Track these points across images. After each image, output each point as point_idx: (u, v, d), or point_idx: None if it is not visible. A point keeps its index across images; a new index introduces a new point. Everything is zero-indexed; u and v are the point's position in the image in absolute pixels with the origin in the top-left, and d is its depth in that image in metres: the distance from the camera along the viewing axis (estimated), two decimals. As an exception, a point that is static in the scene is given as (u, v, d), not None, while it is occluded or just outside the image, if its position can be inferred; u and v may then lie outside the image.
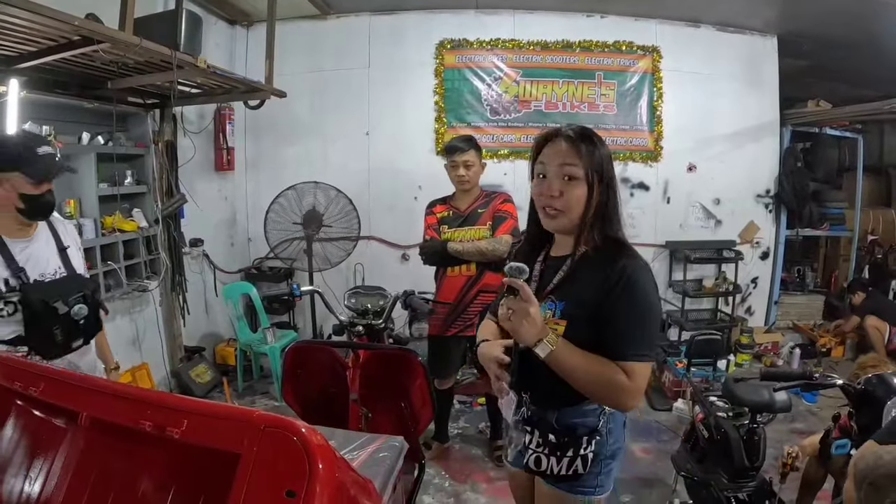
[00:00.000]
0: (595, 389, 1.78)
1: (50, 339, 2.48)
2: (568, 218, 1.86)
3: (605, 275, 1.77)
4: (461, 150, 3.99)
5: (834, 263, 8.42)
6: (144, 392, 1.98)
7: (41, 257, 2.56)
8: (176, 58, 3.70)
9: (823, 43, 6.63)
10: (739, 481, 3.01)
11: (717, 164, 6.58)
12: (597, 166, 1.85)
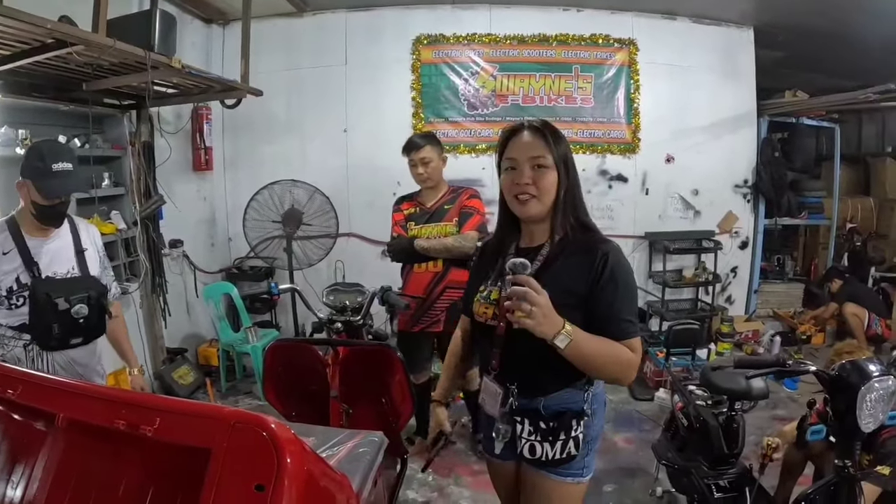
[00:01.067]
0: (610, 369, 1.85)
1: (48, 332, 2.60)
2: (541, 203, 1.94)
3: (588, 263, 1.88)
4: (417, 147, 4.01)
5: (813, 252, 8.54)
6: (118, 392, 1.98)
7: (57, 256, 2.68)
8: (150, 58, 3.68)
9: (799, 33, 6.69)
10: (720, 468, 3.06)
11: (694, 155, 6.62)
12: (562, 155, 1.96)
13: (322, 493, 1.38)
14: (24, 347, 2.64)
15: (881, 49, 6.58)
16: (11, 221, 2.65)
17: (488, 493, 3.85)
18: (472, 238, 3.93)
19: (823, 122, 7.59)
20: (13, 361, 2.60)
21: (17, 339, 2.63)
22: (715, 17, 6.64)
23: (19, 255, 2.58)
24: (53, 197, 2.57)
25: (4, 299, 2.57)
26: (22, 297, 2.58)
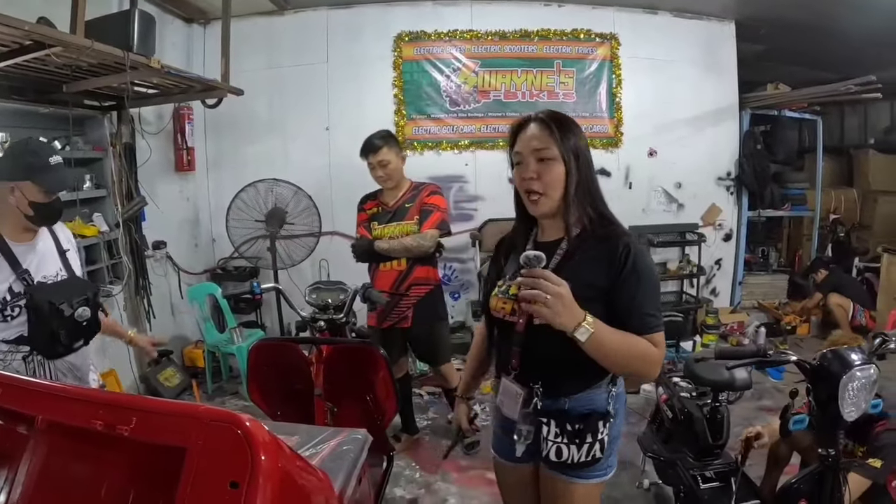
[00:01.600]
0: (633, 364, 1.80)
1: (54, 339, 2.54)
2: (550, 199, 1.90)
3: (610, 255, 1.83)
4: (374, 149, 4.02)
5: (797, 243, 8.60)
6: (95, 392, 1.98)
7: (44, 260, 2.62)
8: (129, 59, 3.67)
9: (780, 27, 6.73)
10: (705, 459, 3.07)
11: (677, 148, 6.65)
12: (572, 146, 1.89)
13: (299, 490, 1.38)
14: (24, 359, 2.53)
15: (862, 41, 6.64)
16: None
17: (475, 489, 3.89)
18: (431, 237, 4.01)
19: (805, 114, 7.63)
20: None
21: (15, 353, 2.51)
22: (696, 11, 6.67)
23: (7, 263, 2.47)
24: (58, 190, 2.55)
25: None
26: (17, 308, 2.47)
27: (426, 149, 6.34)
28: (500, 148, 6.38)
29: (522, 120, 1.98)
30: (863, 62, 6.95)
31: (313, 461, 1.98)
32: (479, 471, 4.09)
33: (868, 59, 7.00)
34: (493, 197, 6.42)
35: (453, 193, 6.43)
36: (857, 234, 8.53)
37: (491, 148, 6.42)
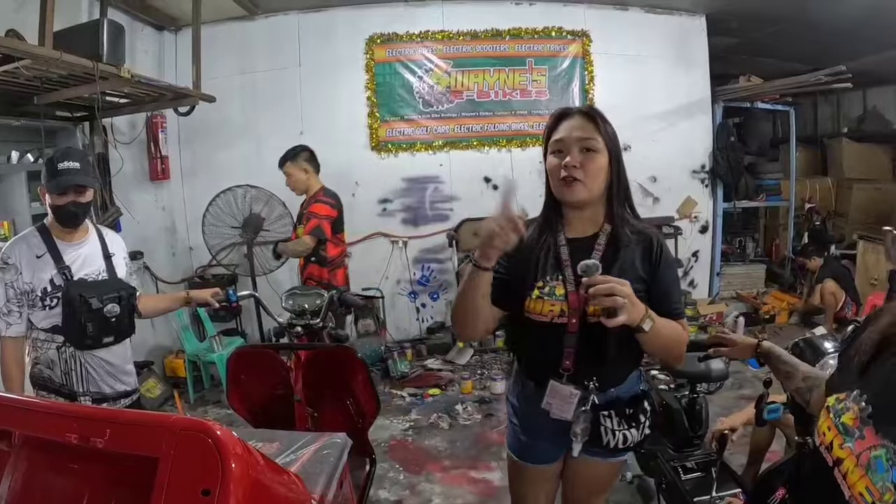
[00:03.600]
0: (676, 348, 1.91)
1: (83, 331, 2.71)
2: (587, 188, 1.89)
3: (648, 250, 1.92)
4: (280, 165, 4.64)
5: (774, 232, 8.73)
6: (68, 406, 1.99)
7: (87, 260, 2.82)
8: (98, 69, 3.66)
9: (751, 19, 6.82)
10: (685, 450, 3.10)
11: (651, 143, 6.68)
12: (613, 141, 1.93)
13: (271, 495, 1.38)
14: (58, 349, 2.75)
15: (832, 32, 6.73)
16: (43, 228, 2.79)
17: (459, 489, 3.91)
18: (302, 243, 4.55)
19: (778, 105, 7.71)
20: (46, 363, 2.75)
21: (51, 342, 2.74)
22: (667, 6, 6.73)
23: (52, 258, 2.71)
24: (60, 191, 2.64)
25: (39, 300, 2.69)
26: (56, 299, 2.70)
27: (400, 150, 6.37)
28: (474, 148, 6.46)
29: (563, 111, 1.99)
30: (834, 53, 7.03)
31: (293, 467, 1.99)
32: (463, 470, 4.12)
33: (839, 49, 7.07)
34: (469, 197, 6.48)
35: (429, 194, 6.47)
36: (833, 221, 8.65)
37: (465, 148, 6.47)
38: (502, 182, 1.74)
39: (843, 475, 1.11)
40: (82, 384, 2.77)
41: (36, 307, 2.70)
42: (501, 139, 6.51)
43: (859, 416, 1.13)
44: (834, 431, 1.16)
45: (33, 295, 2.68)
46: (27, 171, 4.28)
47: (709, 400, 3.29)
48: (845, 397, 1.20)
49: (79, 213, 2.77)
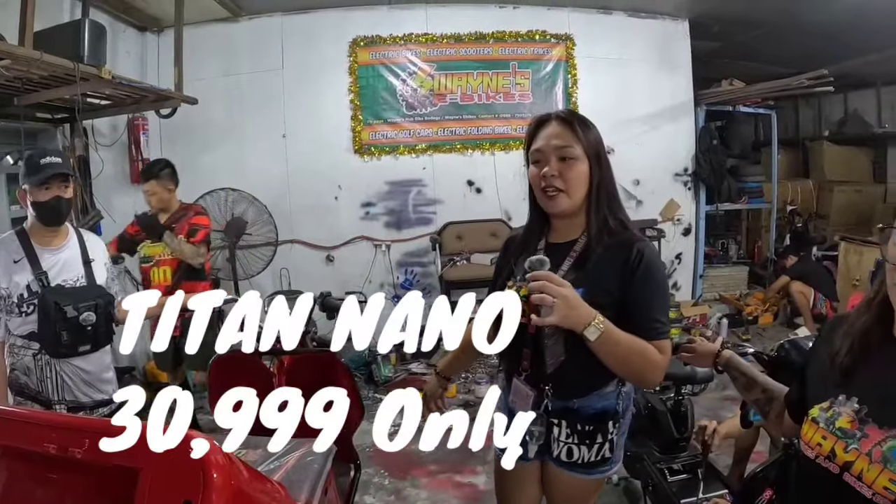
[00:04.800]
0: (636, 368, 1.77)
1: (58, 339, 2.67)
2: (570, 198, 1.85)
3: (623, 260, 1.80)
4: (142, 181, 4.33)
5: (756, 234, 8.81)
6: (47, 415, 1.96)
7: (66, 265, 2.78)
8: (79, 70, 3.63)
9: (734, 24, 6.89)
10: (671, 452, 3.11)
11: (634, 146, 6.71)
12: (593, 146, 1.86)
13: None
14: (34, 356, 2.71)
15: (814, 36, 6.83)
16: (21, 232, 2.74)
17: (444, 493, 3.89)
18: (199, 252, 4.33)
19: (760, 108, 7.81)
20: (22, 370, 2.71)
21: (27, 349, 2.70)
22: (650, 11, 6.79)
23: (29, 263, 2.67)
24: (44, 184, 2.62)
25: (15, 306, 2.65)
26: (32, 305, 2.66)
27: (383, 153, 6.36)
28: (457, 151, 6.47)
29: (542, 117, 1.94)
30: (816, 56, 7.11)
31: (277, 474, 1.97)
32: (448, 474, 4.09)
33: (821, 53, 7.16)
34: (452, 200, 6.50)
35: (412, 197, 6.47)
36: (815, 223, 8.72)
37: (448, 151, 6.48)
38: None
39: (858, 477, 1.12)
40: (58, 392, 2.74)
41: (13, 313, 2.66)
42: (485, 142, 6.52)
43: (856, 417, 1.15)
44: (832, 439, 1.17)
45: (10, 301, 2.64)
46: (6, 174, 4.24)
47: (694, 401, 3.31)
48: (829, 405, 1.22)
49: (62, 209, 2.74)
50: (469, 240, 6.31)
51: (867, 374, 1.19)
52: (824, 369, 1.29)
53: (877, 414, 1.13)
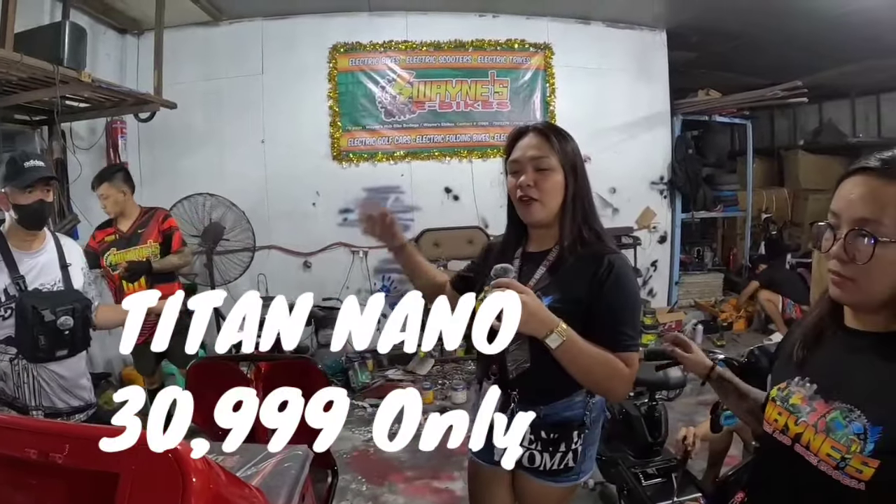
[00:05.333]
0: (599, 379, 1.77)
1: (35, 344, 2.63)
2: (545, 208, 1.89)
3: (593, 270, 1.82)
4: (94, 186, 4.27)
5: (732, 242, 8.94)
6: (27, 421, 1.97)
7: (43, 270, 2.76)
8: (59, 73, 3.63)
9: (711, 35, 6.99)
10: (646, 457, 3.16)
11: (611, 154, 6.78)
12: (569, 157, 1.90)
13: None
14: (10, 362, 2.67)
15: (790, 47, 6.97)
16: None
17: (422, 499, 3.91)
18: (184, 254, 4.46)
19: (736, 118, 7.95)
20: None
21: (4, 354, 2.66)
22: (628, 21, 6.87)
23: (6, 267, 2.64)
24: (28, 187, 2.61)
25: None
26: (9, 309, 2.62)
27: (361, 160, 6.37)
28: (435, 158, 6.50)
29: (520, 129, 1.99)
30: (791, 67, 7.24)
31: (254, 480, 1.98)
32: (425, 480, 4.12)
33: (797, 64, 7.29)
34: (429, 207, 6.52)
35: (389, 204, 6.45)
36: (789, 231, 8.89)
37: (426, 158, 6.50)
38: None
39: (806, 446, 1.24)
40: (34, 398, 2.71)
41: None
42: (463, 150, 6.55)
43: (806, 395, 1.28)
44: (786, 414, 1.29)
45: None
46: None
47: (669, 407, 3.37)
48: (786, 385, 1.34)
49: (45, 213, 2.74)
50: (446, 246, 6.33)
51: (820, 358, 1.32)
52: (786, 358, 1.41)
53: (825, 391, 1.25)
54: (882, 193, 1.17)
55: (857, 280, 1.19)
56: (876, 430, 1.13)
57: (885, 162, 1.19)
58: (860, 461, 1.13)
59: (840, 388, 1.22)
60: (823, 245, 1.26)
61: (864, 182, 1.21)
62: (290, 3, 6.04)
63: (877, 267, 1.15)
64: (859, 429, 1.15)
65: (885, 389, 1.16)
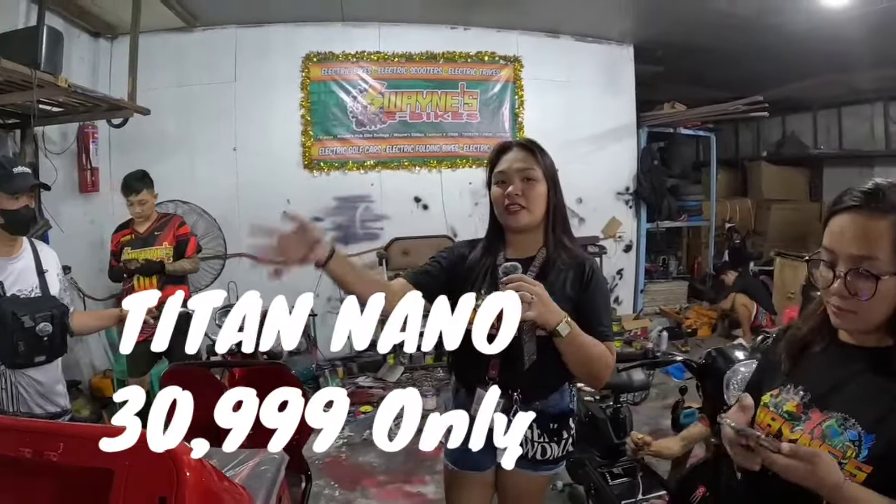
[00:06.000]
0: (596, 365, 1.94)
1: (14, 349, 2.64)
2: (531, 214, 2.06)
3: (579, 273, 2.05)
4: (136, 191, 4.45)
5: (696, 251, 9.14)
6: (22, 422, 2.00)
7: (21, 276, 2.76)
8: (36, 77, 3.61)
9: (677, 49, 7.17)
10: (611, 457, 3.28)
11: (578, 165, 6.86)
12: (550, 171, 2.11)
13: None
14: None
15: (754, 62, 7.16)
16: None
17: (395, 503, 3.96)
18: (195, 261, 4.73)
19: (700, 131, 8.16)
20: None
21: None
22: (597, 35, 7.03)
23: None
24: (19, 192, 2.64)
25: None
26: None
27: (332, 169, 6.41)
28: (405, 168, 6.57)
29: (505, 144, 2.18)
30: (755, 81, 7.45)
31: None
32: (398, 484, 4.18)
33: (760, 78, 7.51)
34: (399, 216, 6.59)
35: (359, 213, 6.53)
36: (752, 240, 9.12)
37: (396, 168, 6.57)
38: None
39: None
40: (12, 404, 2.70)
41: None
42: (432, 160, 6.62)
43: (800, 402, 1.35)
44: (780, 420, 1.36)
45: None
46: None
47: (634, 411, 3.49)
48: (779, 392, 1.41)
49: (30, 219, 2.78)
50: (415, 255, 6.35)
51: (812, 369, 1.40)
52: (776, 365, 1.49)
53: (819, 400, 1.32)
54: (871, 230, 1.23)
55: (857, 312, 1.26)
56: (869, 437, 1.21)
57: (868, 197, 1.24)
58: (855, 466, 1.21)
59: (835, 398, 1.30)
60: (822, 281, 1.32)
61: (852, 220, 1.26)
62: (263, 12, 6.04)
63: (876, 299, 1.22)
64: (854, 436, 1.23)
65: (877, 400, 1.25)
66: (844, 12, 5.34)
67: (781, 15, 5.71)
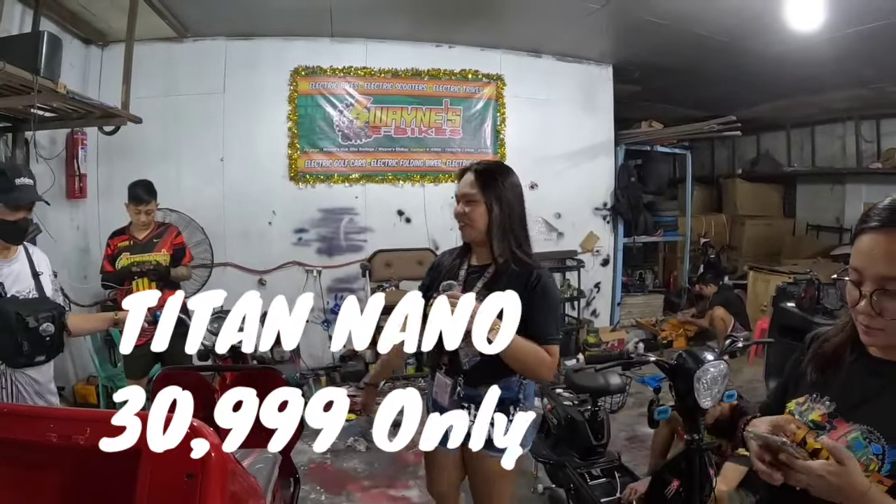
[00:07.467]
0: (530, 366, 2.26)
1: (17, 349, 2.67)
2: (473, 230, 2.40)
3: (524, 282, 2.31)
4: (145, 201, 4.54)
5: (672, 265, 9.33)
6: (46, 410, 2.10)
7: (18, 278, 2.81)
8: (37, 82, 3.64)
9: (654, 70, 7.38)
10: (590, 459, 3.47)
11: (557, 181, 7.10)
12: (496, 193, 2.37)
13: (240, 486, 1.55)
14: None
15: (730, 83, 7.39)
16: None
17: (380, 508, 4.04)
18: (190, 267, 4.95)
19: (676, 148, 8.38)
20: None
21: None
22: (577, 56, 7.22)
23: None
24: (19, 206, 2.69)
25: None
26: None
27: (318, 181, 6.48)
28: (389, 182, 6.69)
29: (465, 168, 2.50)
30: (731, 101, 7.69)
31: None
32: (382, 489, 4.26)
33: (736, 98, 7.76)
34: (382, 229, 6.69)
35: (343, 225, 6.62)
36: (727, 254, 9.36)
37: (380, 181, 6.67)
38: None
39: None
40: (12, 402, 2.72)
41: None
42: (416, 174, 6.74)
43: (826, 412, 1.39)
44: (805, 429, 1.35)
45: None
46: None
47: (612, 417, 3.65)
48: (805, 400, 1.45)
49: (27, 229, 2.83)
50: (398, 267, 6.46)
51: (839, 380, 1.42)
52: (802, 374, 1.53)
53: (845, 412, 1.36)
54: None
55: (885, 329, 1.29)
56: (893, 451, 1.23)
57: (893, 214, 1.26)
58: (877, 479, 1.23)
59: (861, 411, 1.33)
60: (850, 300, 1.34)
61: (881, 240, 1.26)
62: (253, 25, 6.10)
63: None
64: (878, 450, 1.26)
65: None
66: (816, 36, 5.51)
67: (756, 38, 5.88)
